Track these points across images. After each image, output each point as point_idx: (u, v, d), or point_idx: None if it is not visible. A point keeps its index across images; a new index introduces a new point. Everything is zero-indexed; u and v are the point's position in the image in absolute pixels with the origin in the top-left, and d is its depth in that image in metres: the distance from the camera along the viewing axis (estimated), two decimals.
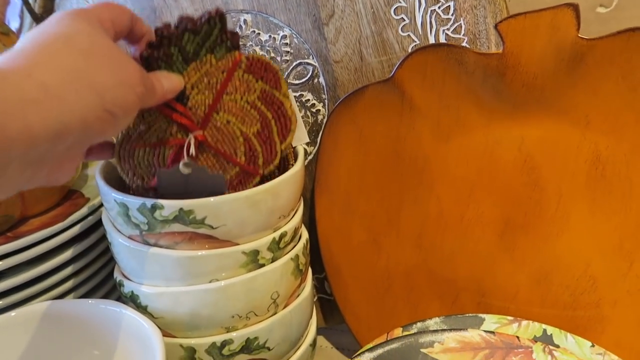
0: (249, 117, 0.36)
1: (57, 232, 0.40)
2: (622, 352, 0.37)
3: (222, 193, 0.34)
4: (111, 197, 0.35)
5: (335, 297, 0.47)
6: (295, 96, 0.46)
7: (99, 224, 0.43)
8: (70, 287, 0.42)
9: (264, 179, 0.36)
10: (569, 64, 0.36)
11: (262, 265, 0.37)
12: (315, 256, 0.46)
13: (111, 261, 0.45)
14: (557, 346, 0.38)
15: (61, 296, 0.41)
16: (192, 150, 0.34)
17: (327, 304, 0.51)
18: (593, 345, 0.37)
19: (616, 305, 0.39)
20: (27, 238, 0.39)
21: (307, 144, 0.46)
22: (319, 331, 0.52)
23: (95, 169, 0.38)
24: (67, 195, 0.46)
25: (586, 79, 0.36)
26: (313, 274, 0.47)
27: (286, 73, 0.46)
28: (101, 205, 0.43)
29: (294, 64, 0.46)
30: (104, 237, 0.43)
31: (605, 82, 0.35)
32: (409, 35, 0.42)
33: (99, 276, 0.45)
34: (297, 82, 0.46)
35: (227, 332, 0.36)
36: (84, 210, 0.42)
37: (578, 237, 0.39)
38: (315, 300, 0.51)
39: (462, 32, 0.40)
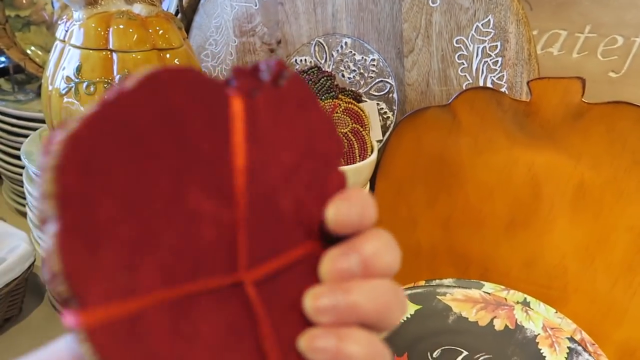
0: None
1: None
2: (575, 319, 0.53)
3: None
4: None
5: None
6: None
7: None
8: None
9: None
10: (573, 117, 0.52)
11: None
12: None
13: None
14: (532, 309, 0.54)
15: None
16: None
17: None
18: (556, 312, 0.54)
19: (577, 290, 0.55)
20: None
21: (378, 140, 0.63)
22: None
23: None
24: None
25: (583, 129, 0.52)
26: None
27: (369, 86, 0.63)
28: None
29: (377, 80, 0.63)
30: None
31: (595, 134, 0.51)
32: (465, 75, 0.58)
33: None
34: (376, 94, 0.63)
35: None
36: None
37: (559, 237, 0.55)
38: None
39: (504, 80, 0.56)
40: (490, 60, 0.57)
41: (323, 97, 0.53)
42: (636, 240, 0.52)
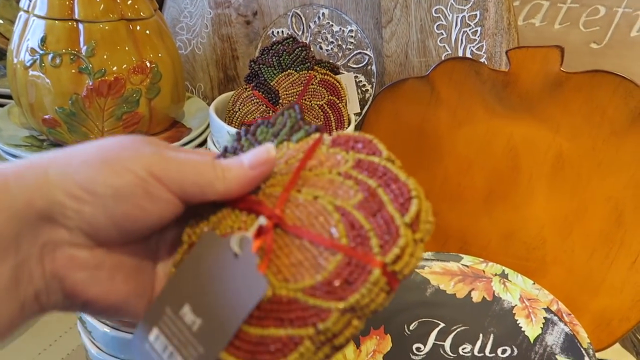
0: (343, 189, 0.27)
1: None
2: (553, 291, 0.53)
3: (252, 303, 0.25)
4: (224, 130, 0.51)
5: None
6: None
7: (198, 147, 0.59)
8: None
9: (389, 274, 0.24)
10: (551, 87, 0.51)
11: None
12: None
13: None
14: (510, 281, 0.54)
15: None
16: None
17: None
18: (534, 283, 0.54)
19: (555, 261, 0.55)
20: None
21: (357, 114, 0.62)
22: None
23: (210, 107, 0.54)
24: (173, 124, 0.62)
25: (562, 99, 0.51)
26: None
27: (347, 58, 0.62)
28: (201, 134, 0.59)
29: (355, 52, 0.61)
30: None
31: (574, 104, 0.50)
32: (444, 46, 0.57)
33: None
34: (355, 66, 0.61)
35: None
36: (191, 136, 0.58)
37: (538, 208, 0.55)
38: None
39: (483, 50, 0.55)
40: (470, 30, 0.55)
41: (298, 69, 0.51)
42: (614, 211, 0.51)
